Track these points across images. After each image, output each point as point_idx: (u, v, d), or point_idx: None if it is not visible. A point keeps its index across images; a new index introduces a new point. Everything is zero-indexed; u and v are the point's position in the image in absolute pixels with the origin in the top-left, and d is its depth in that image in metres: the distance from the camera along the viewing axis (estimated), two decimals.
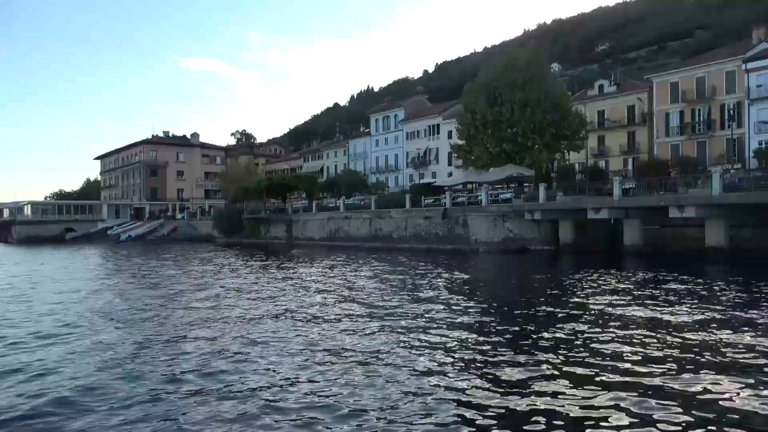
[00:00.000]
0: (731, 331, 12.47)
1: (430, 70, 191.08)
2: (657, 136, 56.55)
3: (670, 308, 15.58)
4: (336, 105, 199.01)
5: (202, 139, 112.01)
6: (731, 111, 50.40)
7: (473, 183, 49.56)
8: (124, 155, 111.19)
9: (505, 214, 39.77)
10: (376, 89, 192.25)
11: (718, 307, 15.62)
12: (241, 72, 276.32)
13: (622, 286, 20.66)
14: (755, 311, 14.90)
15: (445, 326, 13.65)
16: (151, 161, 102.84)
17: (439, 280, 23.75)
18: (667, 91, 55.88)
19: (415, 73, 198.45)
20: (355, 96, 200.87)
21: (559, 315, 14.98)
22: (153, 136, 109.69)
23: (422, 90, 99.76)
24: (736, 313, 14.74)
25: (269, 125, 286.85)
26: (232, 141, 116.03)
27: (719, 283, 20.84)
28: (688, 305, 16.04)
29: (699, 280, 21.60)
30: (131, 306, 17.98)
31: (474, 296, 19.10)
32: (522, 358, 10.40)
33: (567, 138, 46.11)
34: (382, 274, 26.25)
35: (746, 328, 12.81)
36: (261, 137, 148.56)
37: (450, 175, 67.24)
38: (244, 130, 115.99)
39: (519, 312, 15.63)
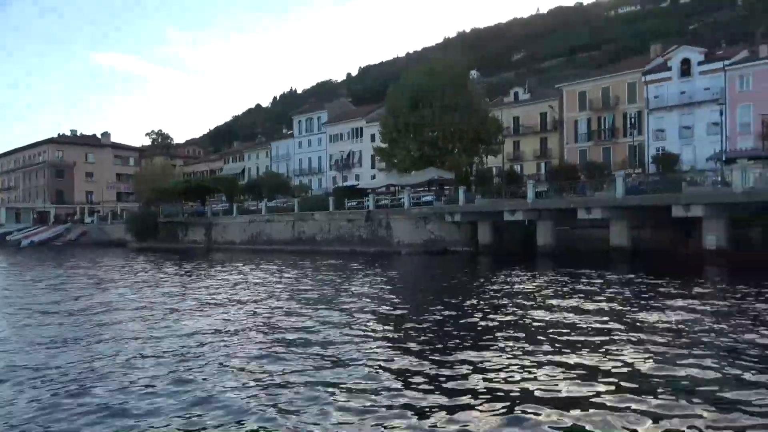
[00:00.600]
0: (632, 316, 13.45)
1: (354, 73, 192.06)
2: (567, 142, 59.85)
3: (575, 301, 16.53)
4: (258, 106, 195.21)
5: (114, 139, 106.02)
6: (633, 119, 54.24)
7: (396, 186, 50.25)
8: (26, 155, 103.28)
9: (426, 217, 40.62)
10: (299, 91, 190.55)
11: (618, 299, 16.77)
12: (157, 69, 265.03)
13: (534, 283, 21.71)
14: (653, 302, 16.13)
15: (370, 323, 13.73)
16: (56, 162, 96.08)
17: (363, 281, 23.86)
18: (576, 99, 59.30)
19: (339, 76, 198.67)
20: (278, 97, 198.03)
21: (477, 310, 15.49)
22: (59, 135, 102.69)
23: (345, 93, 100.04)
24: (637, 302, 15.90)
25: (187, 126, 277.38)
26: (147, 141, 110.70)
27: (620, 278, 22.38)
28: (592, 298, 17.09)
29: (603, 277, 23.05)
30: None
31: (399, 296, 19.34)
32: (438, 355, 10.67)
33: (485, 142, 47.81)
34: (304, 278, 26.03)
35: (643, 314, 13.85)
36: (178, 138, 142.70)
37: (373, 177, 67.68)
38: (160, 130, 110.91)
39: (439, 309, 16.00)
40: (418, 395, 8.44)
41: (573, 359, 10.27)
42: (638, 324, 13.53)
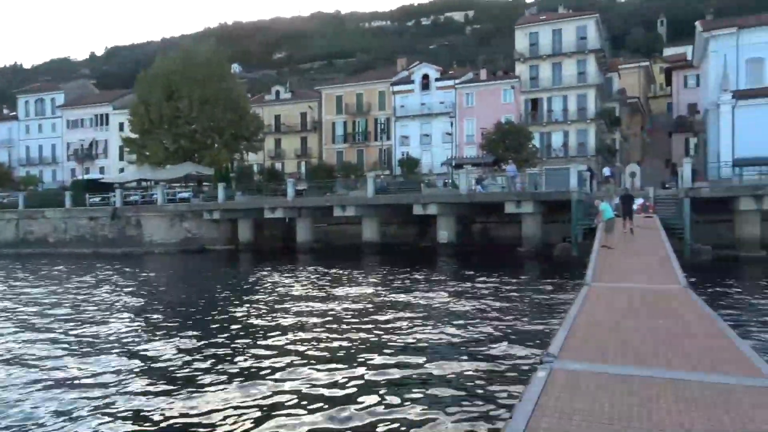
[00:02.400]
0: (391, 301, 14.87)
1: (99, 53, 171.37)
2: (325, 142, 62.75)
3: (333, 292, 17.58)
4: None
5: None
6: (382, 125, 59.36)
7: (148, 181, 46.41)
8: None
9: (183, 214, 38.50)
10: (26, 66, 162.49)
11: (373, 288, 18.34)
12: None
13: (294, 278, 22.36)
14: (401, 286, 18.06)
15: (115, 332, 12.53)
16: None
17: (102, 287, 21.55)
18: (334, 102, 62.53)
19: (80, 55, 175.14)
20: None
21: (236, 308, 15.33)
22: None
23: (89, 74, 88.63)
24: (385, 289, 17.62)
25: None
26: None
27: (375, 269, 24.47)
28: (347, 287, 18.36)
29: (356, 268, 24.88)
30: None
31: (148, 299, 17.98)
32: (193, 358, 10.32)
33: (246, 139, 47.22)
34: (26, 287, 22.44)
35: (394, 295, 15.44)
36: None
37: (122, 171, 61.63)
38: None
39: (193, 310, 15.40)
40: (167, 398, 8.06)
41: (334, 344, 10.94)
42: (387, 306, 15.01)
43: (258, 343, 11.78)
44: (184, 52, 46.67)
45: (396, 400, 8.04)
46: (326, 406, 7.84)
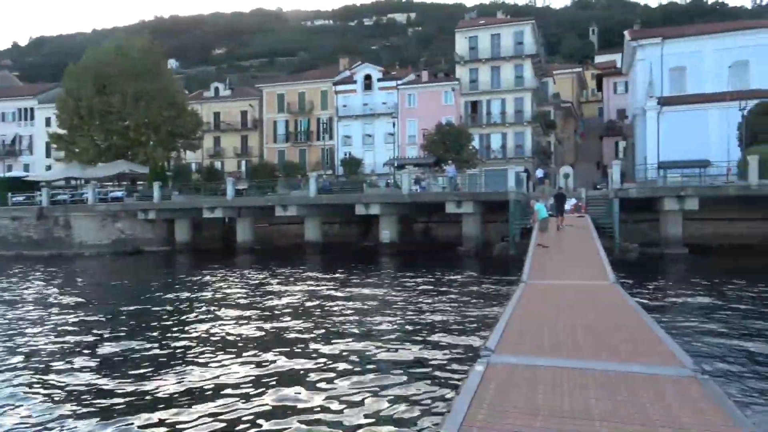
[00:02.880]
0: (331, 300, 14.79)
1: (23, 43, 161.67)
2: (267, 141, 61.78)
3: (270, 289, 17.32)
4: None
5: None
6: (325, 125, 59.04)
7: (78, 179, 44.18)
8: None
9: (115, 214, 36.94)
10: None
11: (313, 287, 18.20)
12: None
13: (231, 278, 21.89)
14: (341, 285, 18.01)
15: (27, 345, 11.85)
16: None
17: (21, 292, 20.36)
18: (275, 101, 61.65)
19: (1, 45, 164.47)
20: None
21: (169, 311, 14.84)
22: None
23: (10, 65, 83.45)
24: (325, 288, 17.52)
25: None
26: None
27: (316, 269, 24.30)
28: (287, 286, 18.15)
29: (298, 268, 24.63)
30: None
31: (74, 305, 17.11)
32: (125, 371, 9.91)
33: (183, 136, 45.81)
34: None
35: (333, 293, 15.38)
36: None
37: (49, 168, 58.42)
38: None
39: (124, 317, 14.80)
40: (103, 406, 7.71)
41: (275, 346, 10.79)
42: (326, 305, 14.94)
43: (192, 347, 11.46)
44: (117, 45, 44.72)
45: (336, 395, 8.03)
46: (261, 402, 7.73)
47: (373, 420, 7.16)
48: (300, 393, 8.24)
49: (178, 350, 11.10)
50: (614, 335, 8.00)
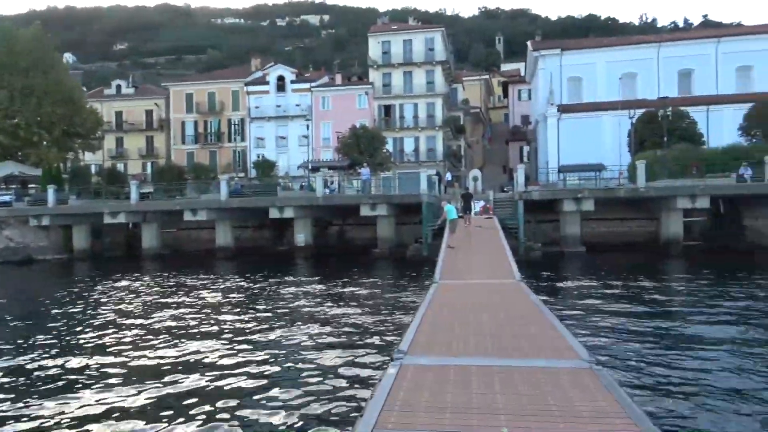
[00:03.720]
0: (242, 308, 14.40)
1: None
2: (174, 142, 59.26)
3: (177, 298, 16.64)
4: None
5: None
6: (236, 126, 57.54)
7: None
8: None
9: (4, 220, 33.95)
10: None
11: (224, 293, 17.67)
12: None
13: (134, 287, 20.78)
14: (258, 291, 17.61)
15: None
16: None
17: None
18: (183, 100, 59.27)
19: None
20: None
21: (62, 324, 13.85)
22: None
23: None
24: (237, 294, 17.08)
25: None
26: None
27: (227, 275, 23.59)
28: (195, 294, 17.50)
29: (209, 276, 23.82)
30: None
31: None
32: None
33: (81, 136, 42.97)
34: None
35: (248, 304, 15.03)
36: None
37: None
38: None
39: (7, 331, 13.64)
40: None
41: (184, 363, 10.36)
42: (243, 314, 14.57)
43: (83, 368, 10.78)
44: (2, 36, 41.13)
45: (249, 401, 7.90)
46: (170, 412, 7.44)
47: (287, 427, 7.11)
48: (211, 404, 8.00)
49: (67, 373, 10.37)
50: (518, 332, 8.45)
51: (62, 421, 7.61)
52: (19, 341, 12.70)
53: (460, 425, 4.95)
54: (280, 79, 58.10)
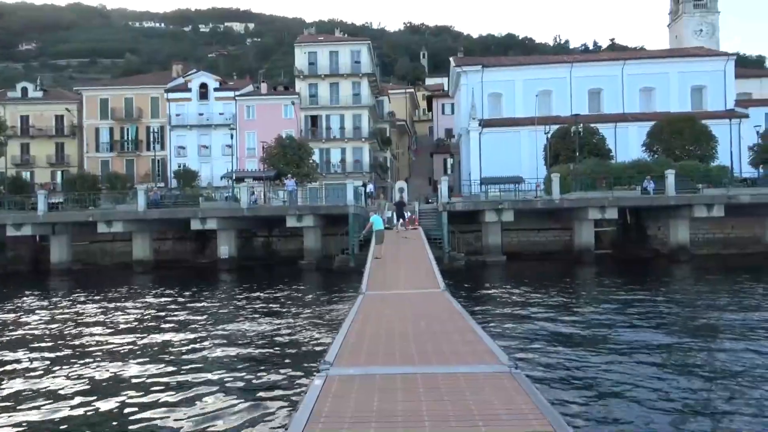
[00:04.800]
0: (162, 324, 13.77)
1: None
2: (87, 150, 56.07)
3: (89, 316, 15.73)
4: None
5: None
6: (156, 134, 55.26)
7: None
8: None
9: None
10: None
11: (141, 309, 16.87)
12: None
13: (39, 305, 19.44)
14: (175, 303, 16.94)
15: None
16: None
17: None
18: (98, 106, 56.28)
19: None
20: None
21: None
22: None
23: None
24: (155, 309, 16.36)
25: None
26: None
27: (145, 290, 22.53)
28: (109, 311, 16.60)
29: (124, 290, 22.66)
30: None
31: None
32: None
33: None
34: None
35: (166, 323, 14.41)
36: None
37: None
38: None
39: None
40: None
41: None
42: (156, 334, 13.96)
43: None
44: None
45: (167, 422, 7.60)
46: None
47: None
48: (122, 429, 7.64)
49: None
50: (442, 340, 8.67)
51: None
52: None
53: None
54: (203, 86, 56.52)
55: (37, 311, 18.55)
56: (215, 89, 56.56)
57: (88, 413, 8.26)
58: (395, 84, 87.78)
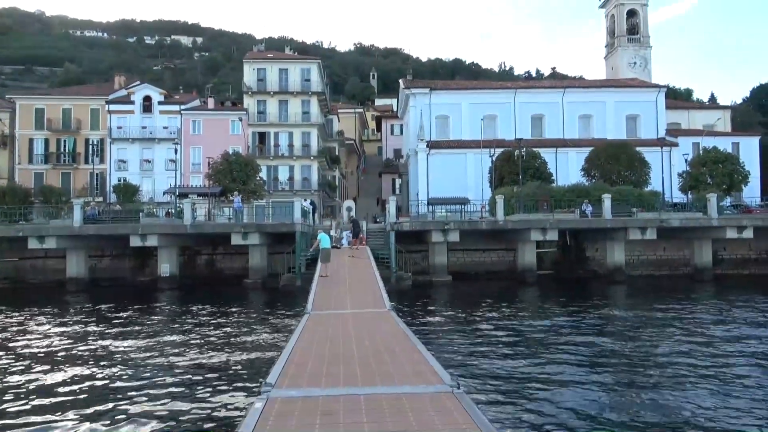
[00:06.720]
0: (96, 345, 13.10)
1: None
2: (19, 161, 53.31)
3: (14, 340, 14.85)
4: None
5: None
6: (95, 146, 53.21)
7: None
8: None
9: None
10: None
11: (71, 331, 16.04)
12: None
13: None
14: (114, 330, 16.18)
15: None
16: None
17: None
18: (33, 116, 53.73)
19: None
20: None
21: None
22: None
23: None
24: (87, 332, 15.58)
25: None
26: None
27: (78, 309, 21.45)
28: (36, 334, 15.71)
29: (53, 311, 21.52)
30: None
31: None
32: None
33: None
34: None
35: (105, 342, 13.76)
36: None
37: None
38: None
39: None
40: None
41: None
42: (98, 354, 13.31)
43: None
44: None
45: None
46: None
47: None
48: None
49: None
50: (386, 360, 8.68)
51: None
52: None
53: None
54: (147, 99, 55.01)
55: None
56: (160, 102, 55.14)
57: None
58: (345, 103, 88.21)
